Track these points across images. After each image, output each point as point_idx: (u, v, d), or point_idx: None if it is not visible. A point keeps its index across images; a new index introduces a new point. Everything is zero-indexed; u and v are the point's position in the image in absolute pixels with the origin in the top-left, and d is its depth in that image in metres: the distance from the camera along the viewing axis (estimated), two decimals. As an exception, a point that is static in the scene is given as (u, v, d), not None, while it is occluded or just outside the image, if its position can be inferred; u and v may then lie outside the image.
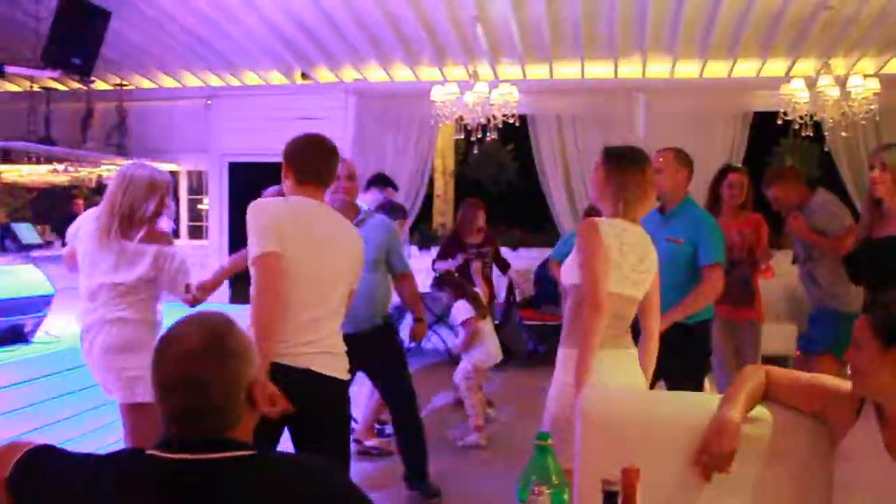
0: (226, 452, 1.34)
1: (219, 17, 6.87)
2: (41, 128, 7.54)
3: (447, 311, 5.53)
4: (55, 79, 7.39)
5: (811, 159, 10.94)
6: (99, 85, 8.08)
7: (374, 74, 8.06)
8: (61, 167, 7.51)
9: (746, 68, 7.43)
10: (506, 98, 6.93)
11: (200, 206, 9.02)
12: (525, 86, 7.43)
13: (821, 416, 2.01)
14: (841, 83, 6.64)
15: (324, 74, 8.13)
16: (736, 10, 6.24)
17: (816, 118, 6.86)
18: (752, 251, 4.46)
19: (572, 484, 2.01)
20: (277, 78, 8.26)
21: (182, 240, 8.65)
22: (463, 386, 5.01)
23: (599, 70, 7.66)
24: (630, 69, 7.59)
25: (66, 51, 6.17)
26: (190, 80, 8.47)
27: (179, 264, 3.17)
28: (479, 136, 7.17)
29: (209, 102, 8.54)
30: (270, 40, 7.32)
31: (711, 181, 4.66)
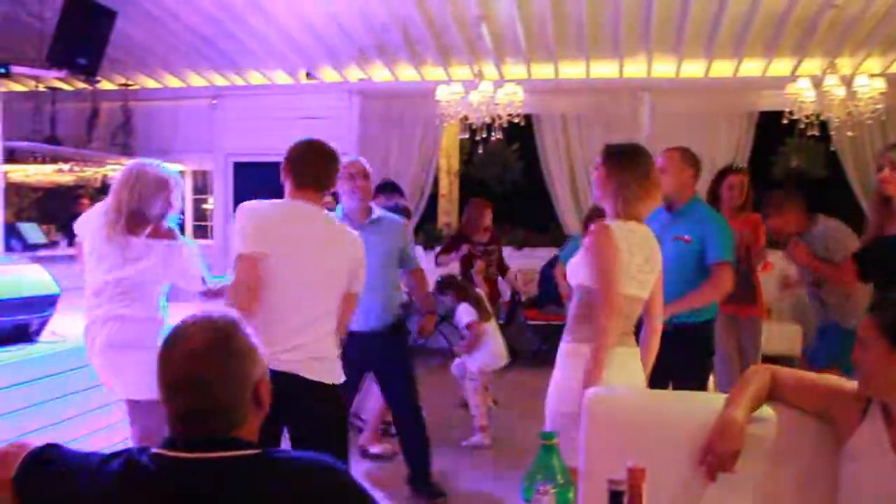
0: (232, 452, 1.34)
1: (224, 17, 6.88)
2: (46, 128, 7.56)
3: (451, 313, 5.53)
4: (60, 79, 7.38)
5: (817, 159, 10.92)
6: (104, 85, 8.08)
7: (379, 74, 8.06)
8: (67, 167, 7.54)
9: (752, 68, 7.41)
10: (511, 98, 6.92)
11: (205, 206, 9.02)
12: (530, 85, 7.42)
13: (826, 416, 2.01)
14: (847, 82, 6.62)
15: (329, 74, 8.13)
16: (741, 10, 6.22)
17: (822, 118, 6.82)
18: (749, 251, 4.46)
19: (577, 483, 2.00)
20: (282, 78, 8.27)
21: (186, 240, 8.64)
22: (468, 387, 5.01)
23: (604, 70, 7.64)
24: (635, 69, 7.57)
25: (72, 51, 6.18)
26: (195, 80, 8.48)
27: (190, 256, 3.17)
28: (484, 136, 7.18)
29: (214, 102, 8.55)
30: (275, 40, 7.32)
31: (711, 182, 4.68)
